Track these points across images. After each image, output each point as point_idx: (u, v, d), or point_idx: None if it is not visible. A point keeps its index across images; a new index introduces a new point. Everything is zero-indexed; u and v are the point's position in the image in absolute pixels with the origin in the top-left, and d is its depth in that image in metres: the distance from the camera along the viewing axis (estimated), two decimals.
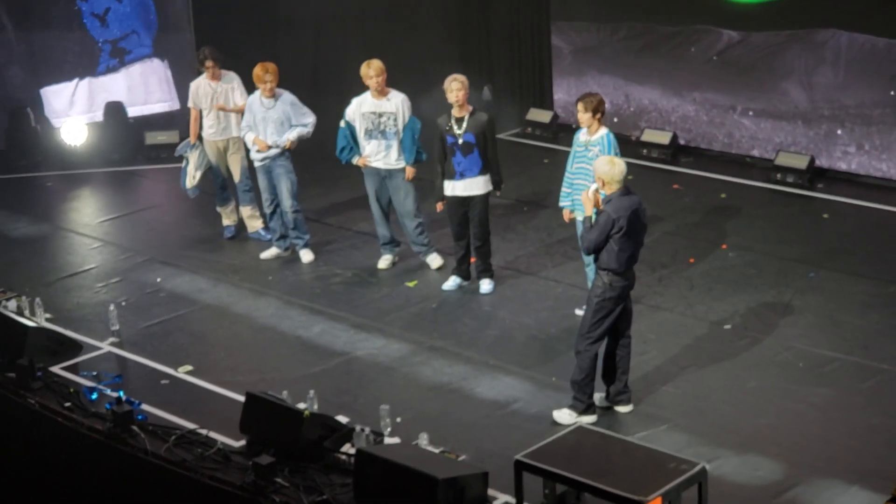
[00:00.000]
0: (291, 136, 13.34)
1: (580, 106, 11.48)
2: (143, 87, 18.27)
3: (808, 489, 9.06)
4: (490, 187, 12.41)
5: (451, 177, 12.34)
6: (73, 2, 17.85)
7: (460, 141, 12.19)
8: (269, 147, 13.32)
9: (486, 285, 12.61)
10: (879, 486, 8.74)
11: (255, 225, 14.34)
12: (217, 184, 14.24)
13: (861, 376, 10.65)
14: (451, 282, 12.71)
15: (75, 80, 17.98)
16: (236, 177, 14.13)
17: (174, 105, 18.36)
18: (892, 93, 14.87)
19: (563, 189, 11.84)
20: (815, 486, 9.09)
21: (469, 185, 12.32)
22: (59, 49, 17.82)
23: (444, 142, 12.30)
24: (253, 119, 13.37)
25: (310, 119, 13.47)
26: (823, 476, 9.19)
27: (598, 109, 11.42)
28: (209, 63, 13.86)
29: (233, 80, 14.04)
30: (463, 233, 12.54)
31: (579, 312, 11.88)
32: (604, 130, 11.53)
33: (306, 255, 13.60)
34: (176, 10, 18.27)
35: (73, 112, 17.85)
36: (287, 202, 13.42)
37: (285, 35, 18.04)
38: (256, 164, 13.52)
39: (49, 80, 17.86)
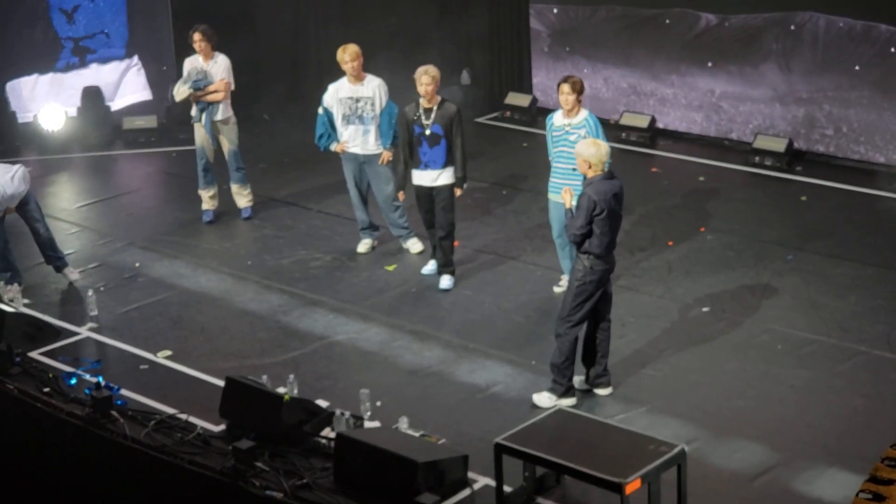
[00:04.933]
0: None
1: (567, 87, 11.41)
2: (113, 87, 18.14)
3: (787, 470, 9.09)
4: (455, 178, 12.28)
5: (417, 166, 12.20)
6: None
7: (427, 132, 12.04)
8: None
9: (445, 281, 12.41)
10: (858, 466, 8.78)
11: (241, 202, 14.34)
12: (200, 166, 14.19)
13: (839, 358, 10.69)
14: (430, 266, 12.66)
15: (35, 75, 17.80)
16: (226, 153, 14.07)
17: (146, 96, 18.30)
18: (870, 76, 14.92)
19: (552, 179, 11.71)
20: (793, 467, 9.12)
21: (433, 176, 12.15)
22: (21, 42, 17.65)
23: (410, 132, 12.18)
24: None
25: None
26: (802, 457, 9.23)
27: (582, 90, 11.49)
28: (199, 40, 13.79)
29: (221, 61, 13.99)
30: (433, 221, 12.37)
31: (557, 290, 11.92)
32: (585, 112, 11.56)
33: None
34: (154, 12, 18.19)
35: (32, 107, 17.70)
36: None
37: (263, 23, 18.00)
38: None
39: (10, 73, 17.68)
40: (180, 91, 13.96)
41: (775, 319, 11.42)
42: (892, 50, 14.68)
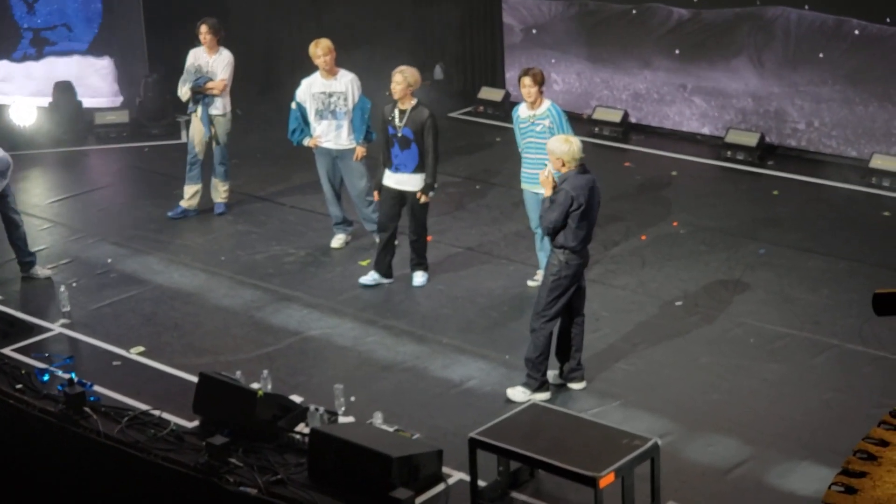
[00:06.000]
0: None
1: (528, 80, 11.52)
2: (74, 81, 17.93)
3: (760, 464, 9.13)
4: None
5: (388, 167, 12.11)
6: None
7: (399, 134, 11.94)
8: None
9: (419, 278, 12.36)
10: (831, 460, 8.81)
11: (216, 197, 14.37)
12: (188, 159, 14.16)
13: (812, 351, 10.74)
14: (370, 277, 12.39)
15: None
16: (214, 147, 14.04)
17: (115, 102, 18.12)
18: (842, 70, 14.97)
19: (523, 170, 11.79)
20: (766, 460, 9.16)
21: (403, 180, 12.04)
22: None
23: (385, 132, 12.08)
24: None
25: None
26: (775, 451, 9.27)
27: (543, 81, 11.57)
28: (205, 32, 13.79)
29: (224, 56, 13.97)
30: (388, 226, 12.21)
31: (531, 284, 11.94)
32: (548, 103, 11.64)
33: None
34: (125, 7, 18.06)
35: None
36: None
37: (236, 18, 17.93)
38: None
39: None
40: (183, 92, 13.93)
41: (748, 313, 11.46)
42: (857, 32, 14.73)
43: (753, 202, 14.25)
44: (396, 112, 12.00)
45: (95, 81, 18.02)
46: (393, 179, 12.11)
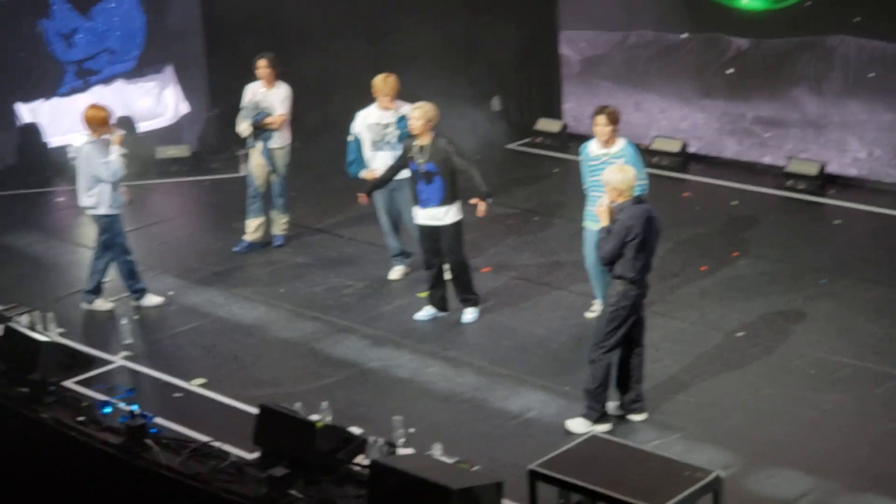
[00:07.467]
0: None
1: (603, 119, 11.36)
2: (123, 106, 17.90)
3: (823, 495, 9.05)
4: (459, 216, 11.96)
5: (417, 204, 12.07)
6: (36, 22, 17.47)
7: (422, 169, 11.87)
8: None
9: (468, 315, 12.27)
10: (894, 490, 8.72)
11: (275, 230, 14.45)
12: (249, 193, 14.27)
13: (874, 382, 10.64)
14: (425, 312, 12.39)
15: (39, 101, 17.63)
16: (272, 180, 14.17)
17: (170, 120, 18.29)
18: None
19: (587, 208, 11.68)
20: (829, 492, 9.08)
21: (432, 215, 11.97)
22: (22, 69, 17.51)
23: (404, 164, 12.08)
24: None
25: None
26: (838, 482, 9.18)
27: (617, 121, 11.43)
28: (263, 66, 13.95)
29: (282, 90, 14.09)
30: (431, 262, 12.17)
31: (589, 316, 11.90)
32: (623, 141, 11.51)
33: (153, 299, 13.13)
34: (184, 23, 18.21)
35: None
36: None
37: (296, 46, 18.06)
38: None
39: (14, 98, 17.56)
40: (243, 128, 14.04)
41: (809, 344, 11.37)
42: None
43: (814, 232, 14.17)
44: (416, 147, 11.95)
45: (145, 103, 18.14)
46: (423, 215, 12.05)
